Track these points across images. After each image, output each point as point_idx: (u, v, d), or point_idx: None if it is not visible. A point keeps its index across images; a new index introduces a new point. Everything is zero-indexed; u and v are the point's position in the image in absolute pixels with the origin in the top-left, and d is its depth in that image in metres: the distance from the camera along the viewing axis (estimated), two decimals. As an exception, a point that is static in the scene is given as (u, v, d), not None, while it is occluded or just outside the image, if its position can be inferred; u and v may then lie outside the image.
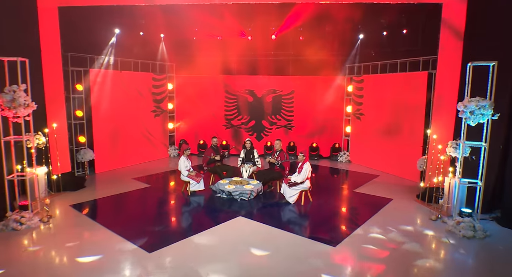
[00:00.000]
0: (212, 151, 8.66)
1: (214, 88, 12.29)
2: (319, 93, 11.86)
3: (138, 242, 5.39)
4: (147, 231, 5.87)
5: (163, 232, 5.88)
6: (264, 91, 12.14)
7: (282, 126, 12.25)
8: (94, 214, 6.84)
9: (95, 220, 6.32)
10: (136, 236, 5.63)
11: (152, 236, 5.69)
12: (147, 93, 11.26)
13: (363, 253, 5.20)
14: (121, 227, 6.02)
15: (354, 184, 9.01)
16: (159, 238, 5.62)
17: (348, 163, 11.50)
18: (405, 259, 5.05)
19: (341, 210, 7.25)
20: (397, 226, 6.16)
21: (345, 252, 5.24)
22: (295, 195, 7.32)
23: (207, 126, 12.44)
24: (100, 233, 5.79)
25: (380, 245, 5.47)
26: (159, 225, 6.15)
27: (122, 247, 5.28)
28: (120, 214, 6.89)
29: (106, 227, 6.00)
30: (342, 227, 6.25)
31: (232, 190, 7.51)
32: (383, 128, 10.18)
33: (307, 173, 7.16)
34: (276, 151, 8.30)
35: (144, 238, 5.59)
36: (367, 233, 5.90)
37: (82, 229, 5.96)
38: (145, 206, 7.25)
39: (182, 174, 7.89)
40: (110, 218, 6.60)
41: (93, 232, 5.85)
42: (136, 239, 5.52)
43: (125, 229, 5.89)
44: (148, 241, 5.47)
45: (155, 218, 6.54)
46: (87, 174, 9.45)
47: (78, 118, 9.44)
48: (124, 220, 6.45)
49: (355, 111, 11.35)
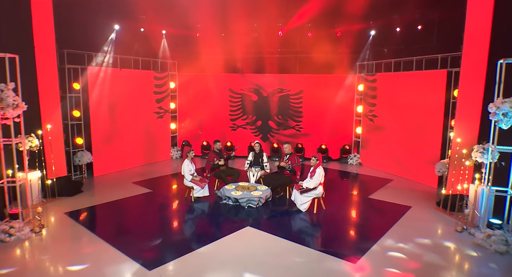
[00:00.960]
0: (215, 156, 8.13)
1: (217, 87, 11.75)
2: (329, 93, 11.31)
3: (137, 258, 4.88)
4: (146, 244, 5.35)
5: (164, 246, 5.36)
6: (271, 90, 11.61)
7: (290, 127, 11.72)
8: (90, 223, 6.32)
9: (91, 231, 5.80)
10: (135, 250, 5.12)
11: (152, 251, 5.18)
12: (148, 92, 10.74)
13: (386, 272, 4.67)
14: (118, 239, 5.51)
15: (368, 189, 8.47)
16: (160, 253, 5.10)
17: (358, 166, 10.97)
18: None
19: (357, 220, 6.71)
20: (419, 239, 5.62)
21: (367, 270, 4.71)
22: (307, 202, 6.80)
23: (211, 127, 11.93)
24: (96, 246, 5.28)
25: (404, 260, 4.94)
26: (160, 237, 5.63)
27: (120, 264, 4.76)
28: (118, 224, 6.36)
29: (102, 238, 5.49)
30: (360, 239, 5.71)
31: (239, 196, 6.99)
32: (397, 130, 9.63)
33: (320, 178, 6.63)
34: (285, 155, 7.77)
35: (143, 252, 5.08)
36: (388, 246, 5.36)
37: (75, 241, 5.46)
38: (145, 214, 6.72)
39: (186, 179, 7.38)
40: (107, 228, 6.09)
41: (87, 245, 5.34)
42: (135, 254, 5.00)
43: (123, 242, 5.38)
44: (147, 257, 4.95)
45: (155, 228, 6.02)
46: (84, 177, 8.95)
47: (75, 119, 8.94)
48: (122, 231, 5.94)
49: (367, 112, 10.79)
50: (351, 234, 6.00)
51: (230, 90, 11.76)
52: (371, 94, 10.62)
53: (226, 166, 8.35)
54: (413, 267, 4.80)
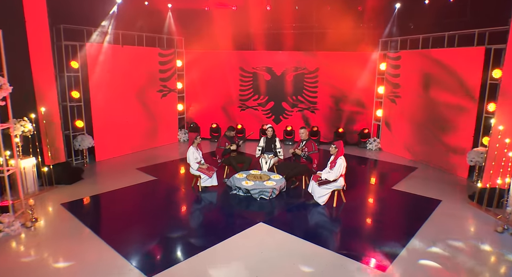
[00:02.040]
0: (226, 140, 7.47)
1: (227, 65, 10.95)
2: (347, 72, 10.42)
3: (135, 262, 4.33)
4: (147, 245, 4.80)
5: (166, 246, 4.80)
6: (284, 68, 10.77)
7: (304, 109, 10.94)
8: (87, 216, 5.75)
9: (87, 226, 5.27)
10: (134, 251, 4.58)
11: (153, 253, 4.63)
12: (153, 71, 10.02)
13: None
14: (116, 236, 4.97)
15: (391, 178, 7.76)
16: (161, 255, 4.55)
17: (378, 151, 10.21)
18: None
19: (382, 216, 6.02)
20: (455, 242, 4.94)
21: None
22: (326, 195, 6.15)
23: (220, 107, 11.22)
24: (91, 245, 4.75)
25: (441, 268, 4.29)
26: (162, 236, 5.07)
27: (115, 267, 4.22)
28: (117, 218, 5.79)
29: (99, 235, 4.96)
30: (387, 240, 5.06)
31: (251, 187, 6.37)
32: (423, 113, 8.78)
33: (341, 170, 5.94)
34: (301, 141, 7.07)
35: (143, 254, 4.53)
36: (420, 250, 4.71)
37: (68, 239, 4.91)
38: (148, 206, 6.15)
39: (192, 167, 6.77)
40: (105, 223, 5.57)
41: (81, 244, 4.80)
42: (134, 256, 4.46)
43: (120, 240, 4.85)
44: (147, 260, 4.40)
45: (158, 224, 5.43)
46: (86, 163, 8.43)
47: (75, 100, 8.32)
48: (121, 227, 5.38)
49: (389, 93, 9.92)
50: (376, 233, 5.34)
51: (241, 69, 10.95)
52: (394, 73, 9.70)
53: (237, 152, 7.71)
54: (451, 270, 4.16)
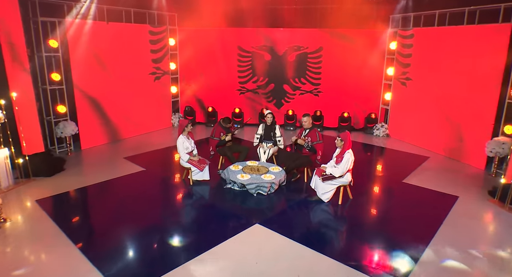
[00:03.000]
0: (221, 130, 6.78)
1: (225, 44, 10.12)
2: (354, 51, 9.59)
3: (110, 275, 3.75)
4: (124, 255, 4.21)
5: (146, 256, 4.20)
6: (286, 48, 9.93)
7: (307, 92, 10.18)
8: (61, 216, 5.10)
9: (60, 228, 4.67)
10: (108, 262, 3.98)
11: (131, 264, 4.04)
12: (143, 50, 9.21)
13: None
14: (91, 244, 4.39)
15: (400, 170, 7.10)
16: (141, 267, 3.96)
17: (386, 137, 9.52)
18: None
19: (393, 216, 5.34)
20: (477, 250, 4.34)
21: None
22: (331, 191, 5.51)
23: (217, 90, 10.47)
24: (61, 254, 4.16)
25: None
26: (142, 243, 4.46)
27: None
28: (95, 218, 5.18)
29: (72, 240, 4.37)
30: (402, 247, 4.44)
31: (247, 182, 5.73)
32: (437, 97, 8.03)
33: (348, 165, 5.28)
34: (304, 129, 6.37)
35: (120, 266, 3.94)
36: (439, 259, 4.11)
37: (37, 245, 4.32)
38: (130, 204, 5.49)
39: (182, 159, 6.12)
40: (81, 225, 4.96)
41: (51, 252, 4.21)
42: (109, 267, 3.87)
43: (95, 248, 4.26)
44: (124, 274, 3.81)
45: (139, 228, 4.81)
46: (70, 151, 7.79)
47: (55, 83, 7.57)
48: (98, 230, 4.79)
49: (399, 74, 9.12)
50: (387, 238, 4.72)
51: (239, 48, 10.12)
52: (406, 53, 8.88)
53: (233, 139, 7.03)
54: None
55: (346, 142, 5.33)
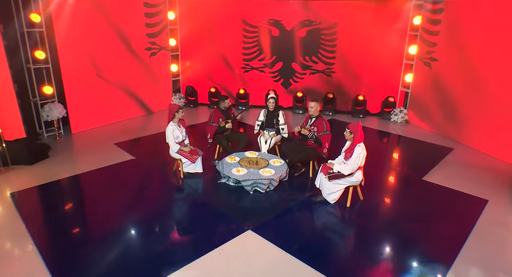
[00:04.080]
0: (220, 115, 6.04)
1: (228, 18, 9.20)
2: (372, 27, 8.55)
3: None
4: (90, 267, 3.63)
5: (119, 264, 3.62)
6: (296, 22, 8.94)
7: (318, 71, 9.26)
8: (33, 215, 4.59)
9: (28, 230, 4.12)
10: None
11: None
12: (137, 25, 8.39)
13: None
14: (58, 252, 3.82)
15: (420, 164, 6.27)
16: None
17: (404, 124, 8.61)
18: None
19: (411, 224, 4.48)
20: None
21: None
22: (338, 192, 4.78)
23: (221, 69, 9.65)
24: (23, 265, 3.61)
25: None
26: (110, 251, 3.87)
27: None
28: (69, 218, 4.62)
29: (37, 246, 3.81)
30: (420, 265, 3.72)
31: (243, 178, 5.04)
32: (465, 80, 7.03)
33: (359, 161, 4.51)
34: (310, 117, 5.57)
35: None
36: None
37: (3, 253, 3.80)
38: (109, 201, 4.87)
39: (171, 149, 5.45)
40: (50, 228, 4.38)
41: (11, 264, 3.67)
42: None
43: (61, 258, 3.69)
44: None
45: (111, 233, 4.19)
46: (58, 136, 7.23)
47: (40, 61, 6.90)
48: (64, 234, 4.23)
49: (423, 53, 8.08)
50: (403, 255, 3.99)
51: (244, 22, 9.19)
52: (432, 29, 7.80)
53: (232, 128, 6.29)
54: None
55: (356, 134, 4.53)
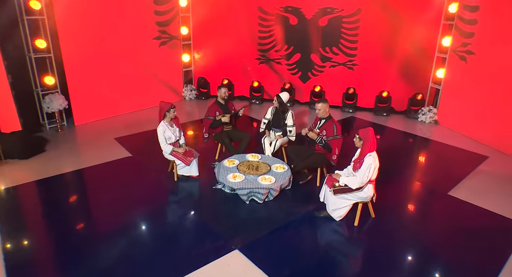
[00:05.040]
0: (217, 108, 5.52)
1: (243, 5, 8.56)
2: (400, 15, 7.65)
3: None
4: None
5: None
6: (316, 10, 8.16)
7: (339, 64, 8.48)
8: (10, 221, 4.31)
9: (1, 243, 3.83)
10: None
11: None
12: (145, 12, 7.92)
13: None
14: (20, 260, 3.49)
15: (448, 174, 5.49)
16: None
17: (433, 125, 7.72)
18: None
19: (431, 251, 3.79)
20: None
21: None
22: (344, 208, 4.15)
23: (235, 60, 9.08)
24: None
25: None
26: (77, 271, 3.49)
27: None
28: (47, 219, 4.32)
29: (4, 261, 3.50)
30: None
31: (238, 185, 4.51)
32: (507, 78, 6.09)
33: (370, 174, 3.85)
34: (319, 119, 4.93)
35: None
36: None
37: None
38: (94, 204, 4.57)
39: (164, 151, 4.99)
40: (24, 231, 4.08)
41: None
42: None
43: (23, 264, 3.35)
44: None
45: (86, 245, 3.83)
46: (60, 128, 6.98)
47: (40, 51, 6.61)
48: (37, 241, 3.90)
49: (459, 45, 7.12)
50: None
51: (260, 10, 8.52)
52: (469, 18, 6.82)
53: (233, 125, 5.75)
54: None
55: (367, 141, 3.86)
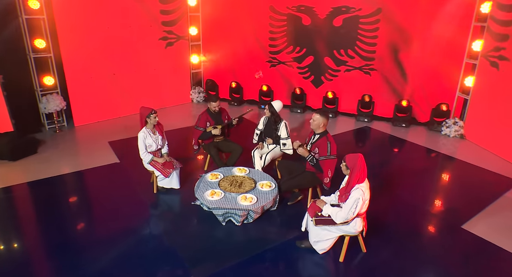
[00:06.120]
0: (208, 118, 5.09)
1: (255, 4, 8.07)
2: (424, 15, 6.85)
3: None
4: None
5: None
6: (330, 9, 7.52)
7: (355, 68, 7.78)
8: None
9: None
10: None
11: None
12: (150, 11, 7.63)
13: None
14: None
15: (465, 201, 4.72)
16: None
17: (458, 139, 6.86)
18: None
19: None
20: None
21: None
22: (328, 240, 3.58)
23: (245, 62, 8.63)
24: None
25: None
26: None
27: None
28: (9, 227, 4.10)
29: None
30: None
31: (214, 204, 4.06)
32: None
33: (356, 209, 3.25)
34: (313, 134, 4.35)
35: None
36: None
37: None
38: (64, 213, 4.32)
39: (143, 160, 4.64)
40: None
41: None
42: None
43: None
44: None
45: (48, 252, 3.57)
46: (58, 129, 6.87)
47: (39, 51, 6.49)
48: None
49: (490, 50, 6.24)
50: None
51: (272, 9, 8.00)
52: (504, 18, 5.93)
53: (225, 136, 5.31)
54: None
55: (355, 171, 3.26)
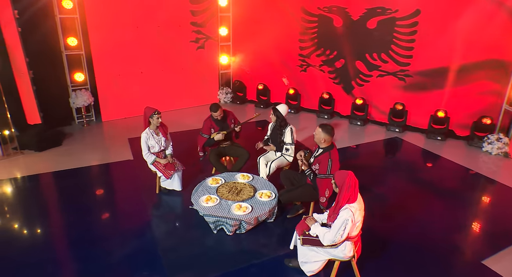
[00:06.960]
0: (212, 125, 4.95)
1: (286, 5, 7.81)
2: (467, 18, 6.15)
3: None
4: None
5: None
6: (364, 10, 7.05)
7: (388, 73, 7.24)
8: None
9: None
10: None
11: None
12: (180, 12, 7.67)
13: None
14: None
15: (493, 233, 4.13)
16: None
17: (501, 158, 6.08)
18: None
19: None
20: None
21: None
22: (316, 263, 3.28)
23: (273, 64, 8.42)
24: None
25: None
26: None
27: None
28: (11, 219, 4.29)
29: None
30: None
31: (206, 211, 3.93)
32: None
33: (345, 233, 2.93)
34: (316, 147, 4.04)
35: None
36: None
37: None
38: (69, 210, 4.44)
39: (146, 161, 4.64)
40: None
41: None
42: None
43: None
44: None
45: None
46: (86, 123, 7.19)
47: (72, 48, 6.81)
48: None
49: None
50: None
51: (303, 10, 7.70)
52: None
53: (232, 141, 5.14)
54: None
55: (343, 190, 2.93)
